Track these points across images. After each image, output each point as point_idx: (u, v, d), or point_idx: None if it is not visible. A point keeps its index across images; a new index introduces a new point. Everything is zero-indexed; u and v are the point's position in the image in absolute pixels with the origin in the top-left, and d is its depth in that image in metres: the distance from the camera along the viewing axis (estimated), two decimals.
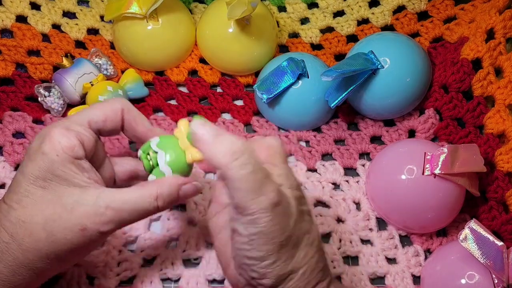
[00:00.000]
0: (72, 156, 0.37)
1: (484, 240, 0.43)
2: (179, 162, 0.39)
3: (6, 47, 0.58)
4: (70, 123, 0.38)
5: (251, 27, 0.58)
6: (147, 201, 0.37)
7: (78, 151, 0.37)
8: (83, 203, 0.36)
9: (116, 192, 0.37)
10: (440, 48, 0.61)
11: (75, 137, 0.37)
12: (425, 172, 0.48)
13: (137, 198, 0.37)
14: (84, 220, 0.36)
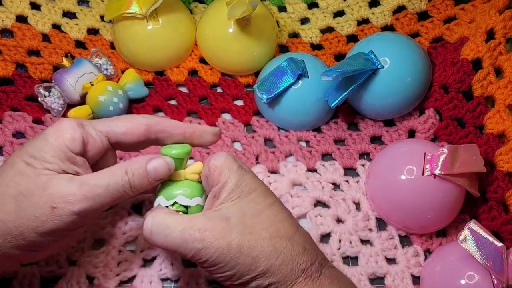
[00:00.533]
0: (67, 147, 0.37)
1: (483, 241, 0.43)
2: (193, 188, 0.41)
3: (6, 47, 0.58)
4: (87, 123, 0.39)
5: (251, 27, 0.58)
6: (118, 175, 0.37)
7: (76, 145, 0.38)
8: (58, 184, 0.36)
9: (90, 175, 0.38)
10: (440, 48, 0.61)
11: (80, 134, 0.38)
12: (425, 173, 0.48)
13: (108, 175, 0.37)
14: (56, 199, 0.36)
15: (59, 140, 0.37)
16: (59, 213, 0.36)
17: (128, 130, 0.41)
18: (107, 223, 0.50)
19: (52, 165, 0.37)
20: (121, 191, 0.38)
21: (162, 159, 0.39)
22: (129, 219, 0.50)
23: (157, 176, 0.39)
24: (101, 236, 0.49)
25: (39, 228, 0.36)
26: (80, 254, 0.48)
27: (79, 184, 0.36)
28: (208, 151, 0.56)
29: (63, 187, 0.36)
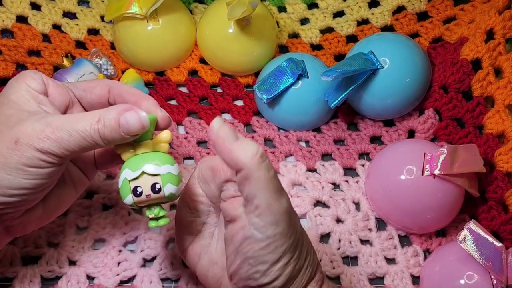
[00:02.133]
0: (28, 84, 0.37)
1: (483, 241, 0.43)
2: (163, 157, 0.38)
3: (7, 47, 0.58)
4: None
5: (251, 28, 0.58)
6: (88, 122, 0.36)
7: (36, 84, 0.38)
8: (25, 122, 0.36)
9: (61, 116, 0.37)
10: (439, 48, 0.62)
11: (39, 75, 0.39)
12: (425, 173, 0.48)
13: (79, 119, 0.36)
14: (19, 134, 0.35)
15: (20, 82, 0.38)
16: (21, 148, 0.35)
17: (88, 87, 0.41)
18: (107, 223, 0.50)
19: (19, 106, 0.37)
20: (89, 140, 0.36)
21: (136, 113, 0.37)
22: (129, 219, 0.50)
23: (130, 131, 0.36)
24: (101, 236, 0.49)
25: (5, 163, 0.35)
26: (80, 254, 0.48)
27: (45, 124, 0.36)
28: (208, 151, 0.56)
29: (28, 125, 0.36)
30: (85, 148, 0.36)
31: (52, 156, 0.36)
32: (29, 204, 0.38)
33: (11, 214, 0.38)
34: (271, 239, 0.34)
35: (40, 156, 0.35)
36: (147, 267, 0.49)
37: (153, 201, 0.37)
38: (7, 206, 0.37)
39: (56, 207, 0.42)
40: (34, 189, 0.37)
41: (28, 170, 0.35)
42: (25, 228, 0.41)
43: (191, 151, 0.55)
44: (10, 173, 0.35)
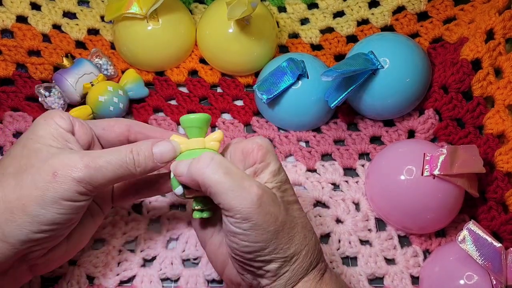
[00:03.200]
0: (57, 123, 0.38)
1: (482, 241, 0.43)
2: None
3: (7, 47, 0.59)
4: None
5: (251, 28, 0.58)
6: (123, 152, 0.38)
7: (64, 123, 0.39)
8: (59, 155, 0.36)
9: (93, 151, 0.38)
10: (439, 48, 0.61)
11: (67, 115, 0.39)
12: (424, 173, 0.48)
13: (112, 150, 0.38)
14: (57, 166, 0.36)
15: (48, 120, 0.38)
16: (60, 180, 0.35)
17: (108, 126, 0.42)
18: (107, 223, 0.50)
19: (47, 141, 0.37)
20: (124, 167, 0.38)
21: (169, 142, 0.39)
22: (129, 219, 0.50)
23: (163, 159, 0.39)
24: (101, 236, 0.49)
25: (41, 197, 0.35)
26: (80, 254, 0.48)
27: (81, 155, 0.37)
28: None
29: (64, 157, 0.36)
30: (119, 177, 0.38)
31: (88, 187, 0.36)
32: (56, 240, 0.38)
33: (38, 252, 0.38)
34: (247, 231, 0.36)
35: (78, 187, 0.36)
36: (147, 267, 0.49)
37: (200, 193, 0.39)
38: (36, 244, 0.37)
39: (78, 243, 0.42)
40: (64, 224, 0.37)
41: (63, 203, 0.36)
42: (48, 266, 0.41)
43: None
44: (45, 207, 0.35)
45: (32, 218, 0.35)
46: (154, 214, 0.51)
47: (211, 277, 0.48)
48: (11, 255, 0.36)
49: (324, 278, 0.39)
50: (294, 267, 0.38)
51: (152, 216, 0.51)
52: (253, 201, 0.35)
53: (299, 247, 0.38)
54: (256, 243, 0.36)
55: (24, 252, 0.37)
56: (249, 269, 0.38)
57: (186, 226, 0.51)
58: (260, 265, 0.37)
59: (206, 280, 0.48)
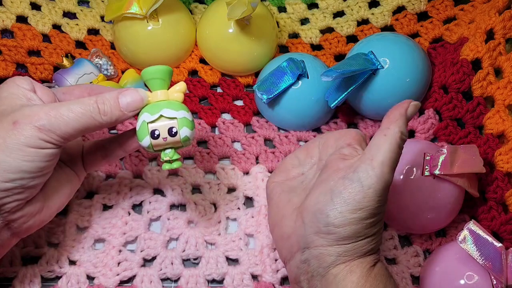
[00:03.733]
0: (18, 84, 0.39)
1: (482, 241, 0.43)
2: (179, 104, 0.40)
3: (7, 47, 0.58)
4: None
5: (251, 28, 0.58)
6: (86, 102, 0.38)
7: (26, 84, 0.39)
8: (21, 107, 0.37)
9: (57, 103, 0.39)
10: (439, 48, 0.61)
11: (28, 79, 0.40)
12: (425, 173, 0.48)
13: (76, 100, 0.38)
14: (18, 116, 0.36)
15: (10, 82, 0.39)
16: (20, 127, 0.36)
17: (68, 90, 0.43)
18: (107, 223, 0.50)
19: (11, 101, 0.38)
20: (88, 115, 0.38)
21: (136, 90, 0.40)
22: (129, 219, 0.50)
23: (129, 107, 0.39)
24: (101, 236, 0.49)
25: (3, 145, 0.35)
26: (80, 254, 0.48)
27: (42, 105, 0.37)
28: (208, 151, 0.56)
29: (25, 109, 0.37)
30: (84, 126, 0.38)
31: (51, 135, 0.37)
32: (29, 192, 0.38)
33: (12, 204, 0.38)
34: (364, 193, 0.37)
35: (39, 134, 0.36)
36: (147, 267, 0.49)
37: (169, 144, 0.40)
38: (7, 194, 0.37)
39: (54, 201, 0.42)
40: (33, 172, 0.37)
41: (27, 150, 0.36)
42: (28, 226, 0.41)
43: (191, 151, 0.55)
44: (9, 155, 0.36)
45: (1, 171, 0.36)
46: (154, 214, 0.51)
47: (211, 277, 0.48)
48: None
49: (374, 270, 0.39)
50: (359, 244, 0.38)
51: (152, 216, 0.51)
52: (390, 180, 0.38)
53: (372, 231, 0.38)
54: (357, 203, 0.37)
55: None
56: (317, 225, 0.38)
57: (186, 226, 0.50)
58: (337, 222, 0.37)
59: (206, 280, 0.48)
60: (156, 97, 0.40)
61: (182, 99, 0.41)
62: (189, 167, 0.54)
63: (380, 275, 0.39)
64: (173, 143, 0.40)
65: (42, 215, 0.41)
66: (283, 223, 0.41)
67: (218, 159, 0.56)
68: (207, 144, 0.57)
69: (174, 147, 0.40)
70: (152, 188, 0.52)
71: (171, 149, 0.40)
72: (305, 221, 0.39)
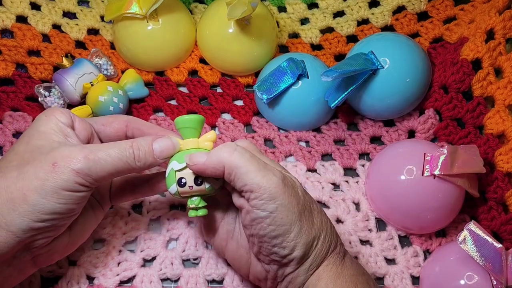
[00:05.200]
0: (57, 118, 0.40)
1: (482, 242, 0.43)
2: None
3: (7, 47, 0.58)
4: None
5: (251, 28, 0.58)
6: (123, 146, 0.39)
7: (65, 118, 0.40)
8: (59, 148, 0.38)
9: (93, 144, 0.40)
10: (440, 48, 0.61)
11: (67, 111, 0.41)
12: (425, 173, 0.48)
13: (112, 144, 0.39)
14: (57, 158, 0.37)
15: (49, 116, 0.40)
16: (59, 170, 0.36)
17: (107, 122, 0.44)
18: (107, 223, 0.50)
19: (49, 136, 0.39)
20: (124, 161, 0.39)
21: (169, 138, 0.41)
22: (129, 219, 0.50)
23: (162, 154, 0.40)
24: (101, 236, 0.49)
25: (41, 187, 0.36)
26: (80, 254, 0.48)
27: (81, 147, 0.38)
28: None
29: (64, 149, 0.37)
30: (119, 171, 0.39)
31: (87, 178, 0.37)
32: (58, 231, 0.39)
33: (40, 241, 0.38)
34: (274, 213, 0.37)
35: (77, 178, 0.37)
36: (147, 267, 0.49)
37: (195, 192, 0.41)
38: (37, 233, 0.37)
39: (80, 235, 0.43)
40: (65, 214, 0.38)
41: (63, 193, 0.37)
42: (51, 258, 0.42)
43: None
44: (45, 197, 0.36)
45: (32, 208, 0.36)
46: (154, 214, 0.51)
47: (211, 277, 0.48)
48: (13, 243, 0.36)
49: (345, 261, 0.41)
50: (315, 252, 0.39)
51: (152, 216, 0.51)
52: (279, 180, 0.38)
53: (318, 231, 0.39)
54: (282, 226, 0.38)
55: (26, 241, 0.37)
56: (275, 259, 0.39)
57: (186, 226, 0.50)
58: (285, 253, 0.38)
59: (206, 280, 0.48)
60: (186, 145, 0.42)
61: (212, 147, 0.42)
62: None
63: (349, 275, 0.40)
64: (198, 191, 0.41)
65: (66, 249, 0.42)
66: (253, 269, 0.43)
67: None
68: None
69: (201, 195, 0.41)
70: None
71: (198, 197, 0.41)
72: (265, 263, 0.41)
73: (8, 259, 0.38)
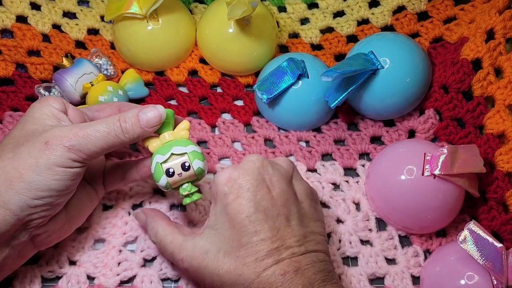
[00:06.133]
0: (51, 104, 0.41)
1: (483, 241, 0.43)
2: (186, 141, 0.43)
3: (6, 47, 0.58)
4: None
5: (251, 27, 0.58)
6: (111, 120, 0.41)
7: (58, 103, 0.42)
8: (51, 128, 0.39)
9: (82, 123, 0.42)
10: (440, 48, 0.61)
11: (61, 100, 0.43)
12: (425, 173, 0.48)
13: (100, 120, 0.41)
14: (48, 137, 0.39)
15: (43, 102, 0.42)
16: (51, 147, 0.38)
17: (100, 108, 0.46)
18: (107, 223, 0.50)
19: (42, 121, 0.40)
20: (113, 134, 0.40)
21: (154, 107, 0.42)
22: (129, 219, 0.50)
23: (149, 124, 0.42)
24: (101, 236, 0.49)
25: (35, 164, 0.38)
26: (80, 254, 0.48)
27: (71, 126, 0.40)
28: (208, 151, 0.56)
29: (56, 129, 0.39)
30: (109, 145, 0.40)
31: (79, 154, 0.39)
32: (55, 209, 0.40)
33: (38, 220, 0.40)
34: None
35: (69, 154, 0.38)
36: (147, 267, 0.49)
37: (185, 179, 0.42)
38: (35, 211, 0.39)
39: (76, 218, 0.45)
40: (60, 191, 0.39)
41: (57, 170, 0.38)
42: (49, 240, 0.43)
43: None
44: (40, 173, 0.38)
45: (28, 185, 0.37)
46: None
47: None
48: (12, 222, 0.38)
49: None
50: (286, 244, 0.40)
51: None
52: None
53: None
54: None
55: (24, 219, 0.39)
56: None
57: (186, 226, 0.50)
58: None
59: None
60: (164, 139, 0.43)
61: (188, 136, 0.44)
62: None
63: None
64: (188, 177, 0.42)
65: (63, 230, 0.44)
66: None
67: (218, 159, 0.56)
68: (207, 144, 0.57)
69: (190, 181, 0.43)
70: (152, 188, 0.52)
71: (188, 183, 0.43)
72: None
73: (7, 239, 0.39)
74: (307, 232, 0.41)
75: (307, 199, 0.43)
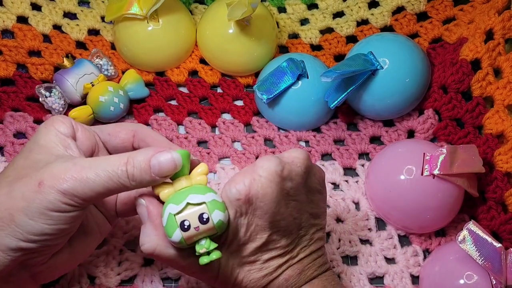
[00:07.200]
0: (57, 129, 0.37)
1: (482, 241, 0.43)
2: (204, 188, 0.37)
3: (7, 47, 0.59)
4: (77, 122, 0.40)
5: (251, 28, 0.58)
6: (116, 162, 0.35)
7: (65, 129, 0.37)
8: (51, 164, 0.35)
9: (88, 158, 0.36)
10: (439, 48, 0.62)
11: (68, 119, 0.38)
12: (424, 173, 0.48)
13: (106, 159, 0.35)
14: (44, 176, 0.34)
15: (49, 126, 0.37)
16: (45, 191, 0.33)
17: (113, 131, 0.41)
18: None
19: (48, 150, 0.36)
20: (115, 180, 0.34)
21: (169, 153, 0.35)
22: (130, 218, 0.50)
23: (161, 172, 0.35)
24: None
25: (27, 208, 0.34)
26: None
27: (72, 164, 0.34)
28: (208, 151, 0.56)
29: (55, 166, 0.34)
30: (110, 191, 0.35)
31: (75, 199, 0.34)
32: (53, 249, 0.37)
33: (37, 260, 0.36)
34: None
35: (63, 199, 0.34)
36: (148, 266, 0.49)
37: (202, 234, 0.35)
38: (29, 252, 0.35)
39: (82, 251, 0.41)
40: (56, 234, 0.35)
41: (50, 214, 0.34)
42: (52, 275, 0.40)
43: (191, 150, 0.56)
44: (32, 218, 0.34)
45: (20, 228, 0.34)
46: None
47: None
48: (6, 262, 0.35)
49: None
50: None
51: None
52: None
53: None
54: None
55: (20, 259, 0.35)
56: None
57: None
58: None
59: None
60: (178, 185, 0.36)
61: (206, 181, 0.37)
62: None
63: None
64: (206, 231, 0.35)
65: (68, 265, 0.40)
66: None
67: (218, 159, 0.56)
68: (207, 144, 0.57)
69: (209, 236, 0.36)
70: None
71: (206, 238, 0.35)
72: None
73: (4, 276, 0.36)
74: (314, 231, 0.41)
75: (316, 194, 0.40)
